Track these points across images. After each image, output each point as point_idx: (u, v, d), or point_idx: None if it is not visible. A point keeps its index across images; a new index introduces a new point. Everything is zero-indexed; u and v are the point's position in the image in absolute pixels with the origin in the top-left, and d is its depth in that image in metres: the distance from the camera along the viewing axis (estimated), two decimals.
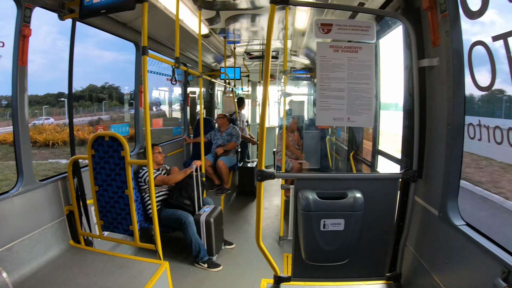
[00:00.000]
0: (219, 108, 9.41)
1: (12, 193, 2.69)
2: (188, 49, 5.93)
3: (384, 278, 2.64)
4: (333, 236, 2.38)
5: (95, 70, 18.79)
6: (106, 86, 17.03)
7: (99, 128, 4.01)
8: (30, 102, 2.91)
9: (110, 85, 17.17)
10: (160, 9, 3.77)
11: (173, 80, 3.62)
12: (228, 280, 3.69)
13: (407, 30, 2.41)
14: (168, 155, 5.56)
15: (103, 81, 18.68)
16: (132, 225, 3.10)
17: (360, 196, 2.37)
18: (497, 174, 3.64)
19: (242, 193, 6.90)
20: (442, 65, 2.21)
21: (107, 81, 18.31)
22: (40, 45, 4.91)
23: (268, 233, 4.96)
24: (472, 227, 2.05)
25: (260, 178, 2.28)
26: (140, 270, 2.84)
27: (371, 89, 2.48)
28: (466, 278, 2.01)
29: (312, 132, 5.96)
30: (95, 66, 18.59)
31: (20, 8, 2.62)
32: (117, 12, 3.35)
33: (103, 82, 17.99)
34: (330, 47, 2.45)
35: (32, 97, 12.42)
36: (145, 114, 2.84)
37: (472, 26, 2.00)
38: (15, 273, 2.62)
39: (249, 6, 4.24)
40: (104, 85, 16.96)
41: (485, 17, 1.78)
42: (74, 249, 3.14)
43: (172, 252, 4.21)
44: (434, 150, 2.38)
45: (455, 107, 2.12)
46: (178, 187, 4.16)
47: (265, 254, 2.46)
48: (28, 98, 2.82)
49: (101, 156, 3.07)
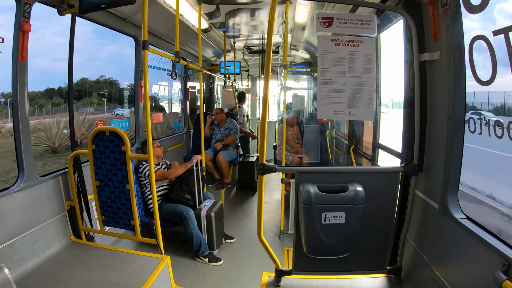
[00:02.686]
0: (218, 102, 9.38)
1: (13, 189, 2.70)
2: (188, 44, 5.91)
3: (385, 271, 2.66)
4: (334, 229, 2.39)
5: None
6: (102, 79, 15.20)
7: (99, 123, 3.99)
8: None
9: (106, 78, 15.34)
10: (159, 4, 3.75)
11: (173, 75, 3.61)
12: (229, 274, 3.71)
13: (408, 24, 2.41)
14: (168, 150, 5.56)
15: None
16: (133, 220, 3.12)
17: (361, 190, 2.38)
18: None
19: (243, 188, 6.91)
20: (443, 59, 2.21)
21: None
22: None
23: (268, 227, 4.98)
24: (472, 221, 2.06)
25: (261, 171, 2.29)
26: (141, 264, 2.86)
27: (372, 83, 2.48)
28: (466, 271, 2.02)
29: (312, 126, 5.95)
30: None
31: (20, 4, 2.61)
32: (116, 7, 3.33)
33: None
34: (331, 40, 2.44)
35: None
36: (146, 109, 2.83)
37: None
38: (16, 269, 2.63)
39: (249, 0, 4.23)
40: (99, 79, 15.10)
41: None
42: (75, 244, 3.15)
43: (173, 246, 4.23)
44: (435, 144, 2.38)
45: (455, 101, 2.12)
46: (179, 182, 4.16)
47: (266, 247, 2.47)
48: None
49: (101, 151, 3.07)
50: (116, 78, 15.24)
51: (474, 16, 1.88)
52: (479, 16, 1.84)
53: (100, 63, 17.79)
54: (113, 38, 14.08)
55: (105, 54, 18.67)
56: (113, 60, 18.97)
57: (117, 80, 15.21)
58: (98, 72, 17.31)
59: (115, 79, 15.15)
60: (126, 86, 14.89)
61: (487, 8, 1.76)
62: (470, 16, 1.92)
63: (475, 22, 2.01)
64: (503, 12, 2.52)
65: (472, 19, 1.96)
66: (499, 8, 3.02)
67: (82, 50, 13.98)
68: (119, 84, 15.26)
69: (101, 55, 18.24)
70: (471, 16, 1.91)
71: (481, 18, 1.91)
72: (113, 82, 15.23)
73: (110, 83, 15.15)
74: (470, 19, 1.99)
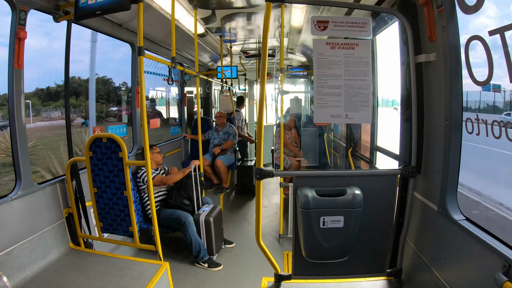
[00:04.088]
0: (216, 107, 9.38)
1: (11, 196, 2.68)
2: (184, 49, 5.91)
3: (385, 274, 2.65)
4: (333, 233, 2.38)
5: None
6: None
7: (96, 130, 3.97)
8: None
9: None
10: (155, 9, 3.76)
11: (170, 80, 3.61)
12: (228, 279, 3.70)
13: (403, 25, 2.41)
14: (166, 155, 5.55)
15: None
16: (131, 226, 3.10)
17: (359, 193, 2.38)
18: None
19: (241, 192, 6.90)
20: (439, 60, 2.21)
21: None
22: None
23: (267, 231, 4.97)
24: (472, 222, 2.06)
25: (259, 176, 2.28)
26: (140, 271, 2.84)
27: (368, 85, 2.48)
28: (466, 273, 2.01)
29: (310, 129, 5.95)
30: None
31: (15, 11, 2.61)
32: (112, 13, 3.33)
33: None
34: (326, 44, 2.45)
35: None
36: (142, 115, 2.83)
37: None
38: (15, 277, 2.61)
39: (245, 5, 4.23)
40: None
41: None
42: (74, 251, 3.13)
43: (172, 252, 4.21)
44: (433, 146, 2.38)
45: (452, 102, 2.12)
46: (177, 187, 4.15)
47: (265, 252, 2.46)
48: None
49: (99, 158, 3.06)
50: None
51: (491, 12, 1.87)
52: (496, 13, 1.84)
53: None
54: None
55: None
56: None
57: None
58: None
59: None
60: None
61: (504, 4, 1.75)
62: (487, 13, 1.92)
63: (491, 20, 1.99)
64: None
65: (489, 16, 1.95)
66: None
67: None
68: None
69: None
70: (488, 12, 1.90)
71: (498, 15, 1.90)
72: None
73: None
74: (488, 16, 1.97)
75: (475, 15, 1.80)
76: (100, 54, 6.19)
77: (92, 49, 5.88)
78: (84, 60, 5.56)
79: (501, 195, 5.51)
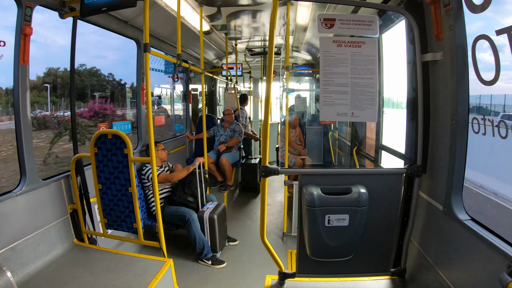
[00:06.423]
0: (221, 105, 9.39)
1: (16, 192, 2.70)
2: (189, 46, 5.92)
3: (389, 273, 2.64)
4: (337, 232, 2.38)
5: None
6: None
7: (101, 126, 3.99)
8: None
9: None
10: (161, 6, 3.75)
11: (175, 77, 3.61)
12: (232, 277, 3.70)
13: (410, 24, 2.40)
14: (171, 153, 5.56)
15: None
16: (135, 222, 3.11)
17: (365, 191, 2.37)
18: None
19: (245, 190, 6.90)
20: (445, 59, 2.19)
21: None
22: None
23: (271, 229, 4.97)
24: (477, 222, 2.05)
25: (264, 174, 2.28)
26: (144, 267, 2.85)
27: (375, 84, 2.47)
28: (471, 273, 2.00)
29: (314, 128, 5.95)
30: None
31: (21, 7, 2.61)
32: (118, 10, 3.33)
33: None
34: (333, 42, 2.43)
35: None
36: (148, 111, 2.83)
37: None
38: (19, 272, 2.62)
39: (250, 2, 4.23)
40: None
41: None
42: (78, 247, 3.14)
43: (176, 249, 4.22)
44: (438, 145, 2.37)
45: (459, 101, 2.10)
46: (181, 184, 4.17)
47: (270, 250, 2.45)
48: None
49: (104, 154, 3.07)
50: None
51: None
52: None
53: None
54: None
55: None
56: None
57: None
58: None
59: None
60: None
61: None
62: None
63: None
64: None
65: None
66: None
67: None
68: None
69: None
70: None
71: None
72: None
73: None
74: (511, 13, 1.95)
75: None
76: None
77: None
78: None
79: None
